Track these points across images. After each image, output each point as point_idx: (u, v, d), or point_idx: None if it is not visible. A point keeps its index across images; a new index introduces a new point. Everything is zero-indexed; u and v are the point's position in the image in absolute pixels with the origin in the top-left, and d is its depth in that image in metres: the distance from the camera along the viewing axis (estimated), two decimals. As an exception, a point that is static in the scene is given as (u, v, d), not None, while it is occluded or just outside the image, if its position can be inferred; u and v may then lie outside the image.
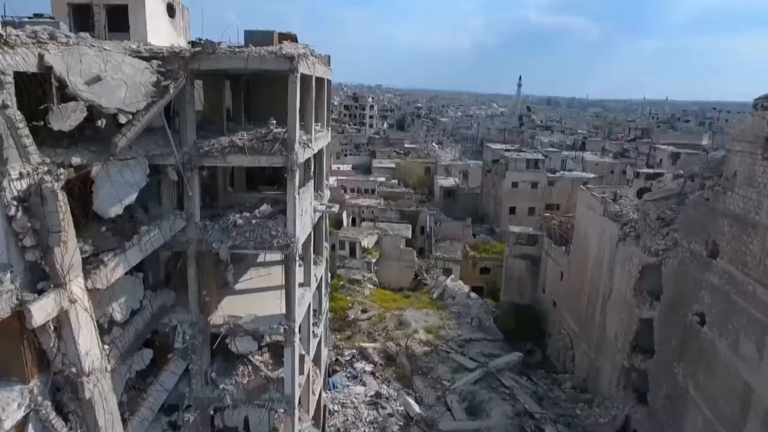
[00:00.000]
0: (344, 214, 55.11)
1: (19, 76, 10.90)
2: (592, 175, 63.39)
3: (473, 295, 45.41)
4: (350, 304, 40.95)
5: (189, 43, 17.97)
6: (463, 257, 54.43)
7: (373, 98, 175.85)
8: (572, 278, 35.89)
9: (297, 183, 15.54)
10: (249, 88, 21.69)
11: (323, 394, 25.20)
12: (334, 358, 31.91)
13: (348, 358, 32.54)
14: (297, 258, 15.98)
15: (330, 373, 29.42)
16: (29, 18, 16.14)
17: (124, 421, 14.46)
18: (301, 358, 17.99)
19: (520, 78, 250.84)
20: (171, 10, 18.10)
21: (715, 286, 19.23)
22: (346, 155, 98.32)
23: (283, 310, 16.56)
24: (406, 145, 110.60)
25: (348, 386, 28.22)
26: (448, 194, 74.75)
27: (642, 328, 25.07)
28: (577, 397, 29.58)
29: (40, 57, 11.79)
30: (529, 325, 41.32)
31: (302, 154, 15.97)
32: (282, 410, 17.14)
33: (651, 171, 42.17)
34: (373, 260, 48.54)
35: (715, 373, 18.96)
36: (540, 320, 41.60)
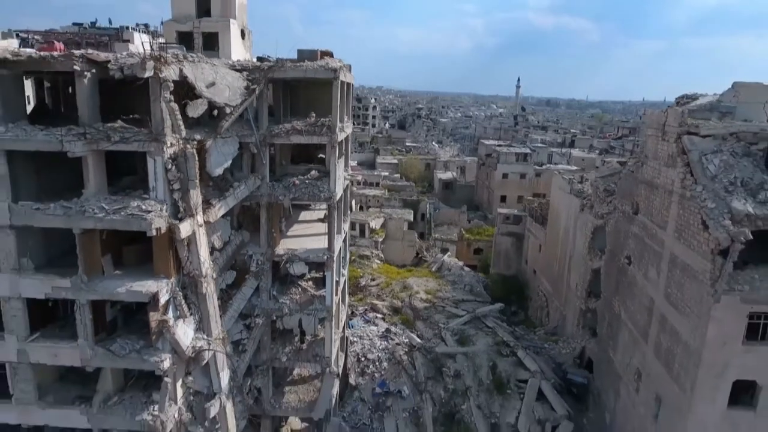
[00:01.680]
0: (353, 202, 62.07)
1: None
2: (576, 168, 70.31)
3: (466, 268, 52.49)
4: (361, 274, 48.12)
5: (257, 58, 25.05)
6: (459, 239, 61.48)
7: (375, 99, 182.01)
8: (548, 248, 43.05)
9: (336, 155, 22.67)
10: (290, 90, 28.80)
11: (346, 330, 32.30)
12: (350, 312, 38.95)
13: (361, 312, 39.67)
14: (336, 206, 23.09)
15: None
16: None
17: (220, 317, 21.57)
18: (336, 283, 25.10)
19: (518, 79, 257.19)
20: (243, 34, 25.25)
21: (636, 234, 26.34)
22: (351, 152, 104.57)
23: (325, 246, 23.72)
24: (407, 144, 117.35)
25: (363, 327, 35.38)
26: (446, 186, 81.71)
27: (593, 277, 32.22)
28: (547, 338, 36.74)
29: (180, 70, 18.79)
30: (514, 292, 48.57)
31: (339, 136, 23.09)
32: (323, 317, 24.28)
33: (620, 160, 49.19)
34: (380, 239, 55.59)
35: (635, 297, 26.05)
36: (523, 287, 48.85)
